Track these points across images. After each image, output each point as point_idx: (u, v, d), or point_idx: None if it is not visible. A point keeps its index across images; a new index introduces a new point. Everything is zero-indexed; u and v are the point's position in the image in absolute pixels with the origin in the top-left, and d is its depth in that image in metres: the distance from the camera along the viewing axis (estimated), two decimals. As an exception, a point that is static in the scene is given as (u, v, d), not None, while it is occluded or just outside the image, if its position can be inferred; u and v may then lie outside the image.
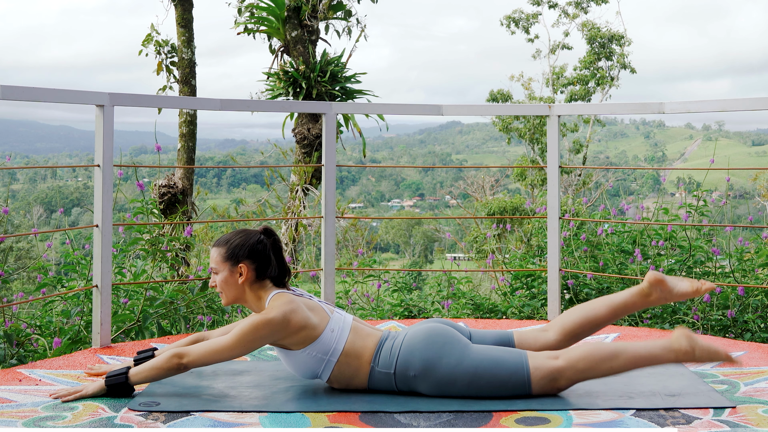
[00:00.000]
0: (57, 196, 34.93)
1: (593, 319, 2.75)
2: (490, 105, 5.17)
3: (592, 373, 2.54)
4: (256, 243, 2.69)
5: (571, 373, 2.53)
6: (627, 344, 2.59)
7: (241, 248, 2.68)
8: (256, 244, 2.69)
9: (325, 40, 10.99)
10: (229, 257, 2.68)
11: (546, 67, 23.33)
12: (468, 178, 22.90)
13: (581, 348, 2.57)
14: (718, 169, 4.43)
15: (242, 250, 2.68)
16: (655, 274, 2.70)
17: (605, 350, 2.54)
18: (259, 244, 2.69)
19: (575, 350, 2.57)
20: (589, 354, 2.54)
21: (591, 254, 4.98)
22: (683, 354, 2.52)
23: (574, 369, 2.52)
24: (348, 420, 2.36)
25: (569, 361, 2.53)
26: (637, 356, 2.53)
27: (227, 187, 51.97)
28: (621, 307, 2.75)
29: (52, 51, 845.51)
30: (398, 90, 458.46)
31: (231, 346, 2.55)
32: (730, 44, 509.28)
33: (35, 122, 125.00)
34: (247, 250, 2.68)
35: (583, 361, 2.53)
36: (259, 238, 2.70)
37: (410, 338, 2.61)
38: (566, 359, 2.54)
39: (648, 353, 2.53)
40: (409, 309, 4.98)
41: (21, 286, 9.09)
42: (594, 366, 2.53)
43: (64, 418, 2.36)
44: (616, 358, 2.52)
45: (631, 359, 2.53)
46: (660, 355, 2.53)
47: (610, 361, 2.52)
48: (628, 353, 2.53)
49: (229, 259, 2.68)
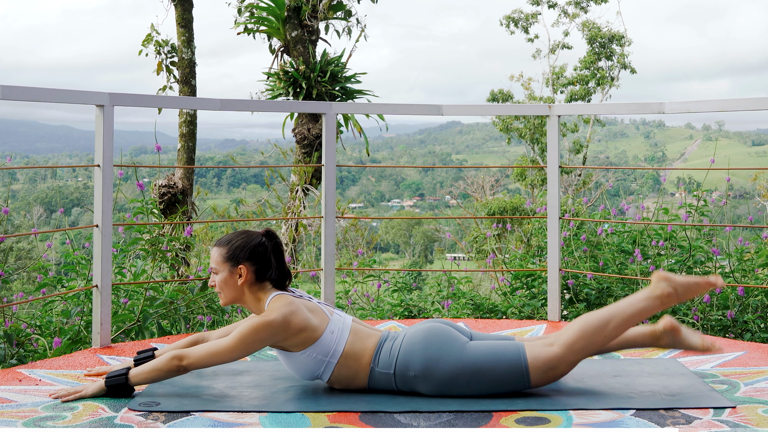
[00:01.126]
0: (57, 196, 34.92)
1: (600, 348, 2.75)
2: (490, 105, 5.18)
3: (590, 349, 2.58)
4: (257, 245, 2.68)
5: (569, 356, 2.55)
6: (613, 308, 2.62)
7: (242, 250, 2.67)
8: (257, 246, 2.68)
9: (325, 40, 11.00)
10: (230, 258, 2.68)
11: (546, 67, 23.34)
12: (468, 178, 22.90)
13: (573, 328, 2.59)
14: (718, 169, 4.43)
15: (243, 251, 2.67)
16: (671, 321, 2.73)
17: (596, 321, 2.58)
18: (260, 247, 2.69)
19: (568, 332, 2.59)
20: (582, 330, 2.57)
21: (591, 254, 4.98)
22: (667, 296, 2.61)
23: (572, 350, 2.55)
24: (348, 420, 2.36)
25: (565, 344, 2.56)
26: (626, 317, 2.59)
27: (227, 187, 51.97)
28: (630, 342, 2.77)
29: (52, 51, 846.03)
30: (398, 90, 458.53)
31: (231, 348, 2.55)
32: (729, 44, 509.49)
33: (35, 122, 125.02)
34: (248, 251, 2.67)
35: (578, 341, 2.56)
36: (261, 241, 2.70)
37: (409, 338, 2.62)
38: (562, 344, 2.56)
39: (635, 309, 2.60)
40: (409, 309, 4.98)
41: (21, 286, 9.09)
42: (590, 341, 2.56)
43: (64, 418, 2.36)
44: (608, 325, 2.58)
45: (622, 321, 2.59)
46: (646, 306, 2.61)
47: (602, 330, 2.57)
48: (618, 317, 2.59)
49: (230, 260, 2.67)
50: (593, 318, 2.60)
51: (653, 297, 2.61)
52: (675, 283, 2.62)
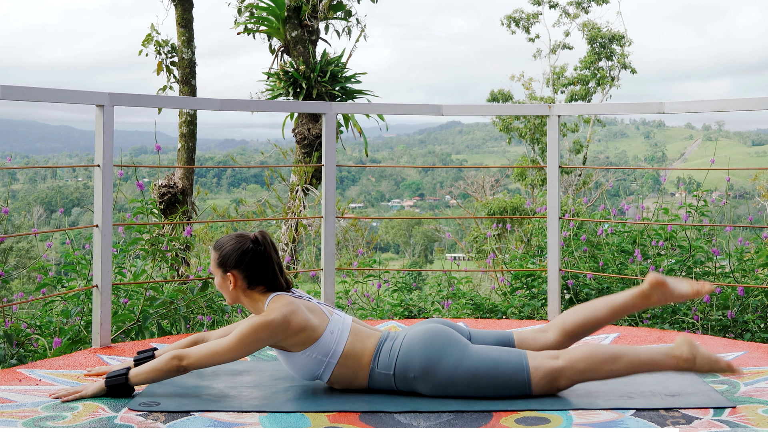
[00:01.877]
0: (57, 196, 34.92)
1: (593, 320, 2.75)
2: (490, 105, 5.19)
3: (592, 375, 2.53)
4: (244, 252, 2.65)
5: (571, 373, 2.52)
6: (628, 348, 2.58)
7: (229, 257, 2.66)
8: (244, 254, 2.65)
9: (325, 40, 10.99)
10: (220, 264, 2.68)
11: (546, 67, 23.34)
12: (468, 178, 22.90)
13: (582, 349, 2.57)
14: (718, 169, 4.43)
15: (230, 259, 2.66)
16: (655, 275, 2.70)
17: (606, 352, 2.54)
18: (247, 254, 2.65)
19: (576, 351, 2.57)
20: (590, 355, 2.53)
21: (591, 254, 4.98)
22: (684, 361, 2.52)
23: (574, 369, 2.52)
24: (348, 420, 2.36)
25: (569, 361, 2.53)
26: (637, 361, 2.53)
27: (227, 187, 51.95)
28: (621, 308, 2.75)
29: (53, 51, 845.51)
30: (399, 90, 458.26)
31: (231, 348, 2.55)
32: (729, 45, 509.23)
33: (35, 122, 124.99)
34: (234, 260, 2.65)
35: (583, 362, 2.52)
36: (248, 248, 2.66)
37: (409, 339, 2.61)
38: (566, 359, 2.54)
39: (649, 358, 2.53)
40: (409, 309, 4.98)
41: (21, 286, 9.10)
42: (594, 368, 2.52)
43: (64, 418, 2.36)
44: (617, 361, 2.52)
45: (631, 363, 2.53)
46: (661, 360, 2.53)
47: (610, 363, 2.52)
48: (629, 357, 2.53)
49: (220, 266, 2.68)
50: (605, 348, 2.56)
51: (672, 356, 2.53)
52: (697, 353, 2.53)
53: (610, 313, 2.74)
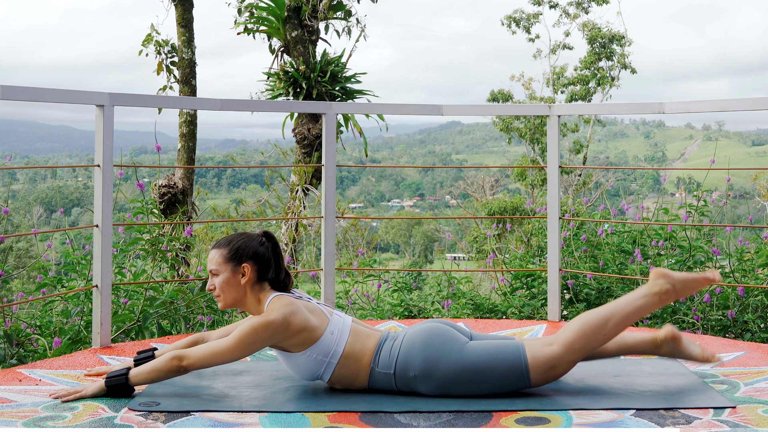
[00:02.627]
0: (57, 196, 34.91)
1: (599, 351, 2.77)
2: (490, 105, 5.19)
3: (590, 347, 2.58)
4: (258, 244, 2.70)
5: (569, 355, 2.55)
6: (613, 306, 2.63)
7: (245, 249, 2.68)
8: (259, 246, 2.70)
9: (325, 40, 10.99)
10: (232, 257, 2.68)
11: (546, 67, 23.35)
12: (468, 178, 22.90)
13: (573, 326, 2.59)
14: (718, 169, 4.43)
15: (246, 250, 2.68)
16: (672, 330, 2.77)
17: (594, 321, 2.58)
18: (262, 246, 2.71)
19: (568, 331, 2.59)
20: (582, 331, 2.57)
21: (591, 254, 4.98)
22: (665, 293, 2.62)
23: (571, 350, 2.55)
24: (348, 420, 2.36)
25: (565, 343, 2.56)
26: (625, 314, 2.60)
27: (227, 187, 51.95)
28: (629, 349, 2.80)
29: (54, 51, 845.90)
30: (399, 90, 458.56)
31: (231, 349, 2.55)
32: (728, 45, 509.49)
33: (35, 122, 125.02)
34: (251, 250, 2.69)
35: (578, 340, 2.56)
36: (261, 240, 2.72)
37: (409, 339, 2.62)
38: (561, 343, 2.56)
39: (634, 307, 2.61)
40: (409, 309, 4.98)
41: (21, 286, 9.10)
42: (589, 340, 2.57)
43: (64, 418, 2.36)
44: (607, 323, 2.58)
45: (621, 319, 2.59)
46: (645, 303, 2.61)
47: (602, 329, 2.57)
48: (617, 315, 2.59)
49: (232, 259, 2.68)
50: (592, 317, 2.60)
51: (651, 294, 2.62)
52: (673, 280, 2.63)
53: (617, 351, 2.79)
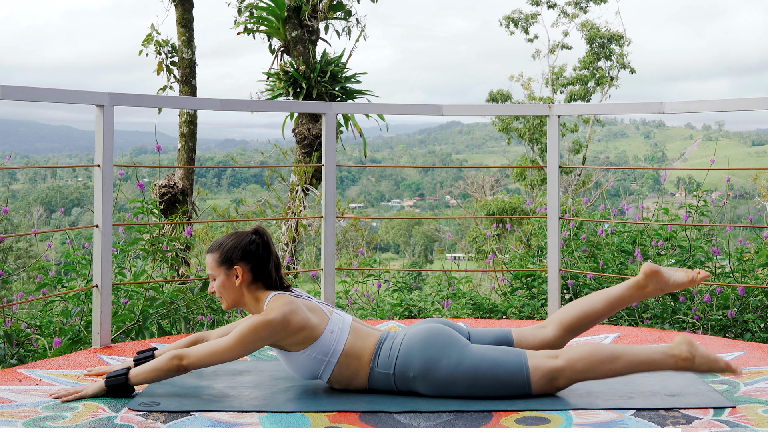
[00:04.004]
0: (57, 196, 34.89)
1: (590, 314, 2.75)
2: (490, 105, 5.19)
3: (591, 374, 2.53)
4: (248, 243, 2.69)
5: (570, 372, 2.52)
6: (627, 347, 2.58)
7: (234, 250, 2.68)
8: (249, 245, 2.69)
9: (325, 40, 10.99)
10: (224, 261, 2.68)
11: (545, 67, 23.33)
12: (468, 178, 22.89)
13: (581, 348, 2.57)
14: (718, 169, 4.43)
15: (236, 252, 2.67)
16: (650, 265, 2.71)
17: (605, 352, 2.54)
18: (252, 245, 2.69)
19: (575, 350, 2.57)
20: (589, 355, 2.54)
21: (591, 254, 4.98)
22: (683, 360, 2.52)
23: (573, 369, 2.52)
24: (348, 420, 2.36)
25: (568, 360, 2.53)
26: (636, 360, 2.53)
27: (227, 187, 51.93)
28: (618, 300, 2.75)
29: (55, 51, 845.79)
30: (399, 90, 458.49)
31: (231, 348, 2.55)
32: (728, 45, 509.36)
33: (35, 122, 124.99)
34: (240, 251, 2.68)
35: (582, 362, 2.53)
36: (251, 239, 2.70)
37: (409, 339, 2.61)
38: (565, 359, 2.54)
39: (647, 358, 2.54)
40: (409, 309, 4.98)
41: (21, 286, 9.09)
42: (593, 367, 2.52)
43: (64, 418, 2.36)
44: (616, 361, 2.52)
45: (630, 363, 2.53)
46: (659, 360, 2.53)
47: (609, 363, 2.52)
48: (628, 356, 2.53)
49: (224, 262, 2.68)
50: (604, 348, 2.56)
51: (670, 355, 2.53)
52: (696, 352, 2.53)
53: (607, 306, 2.75)
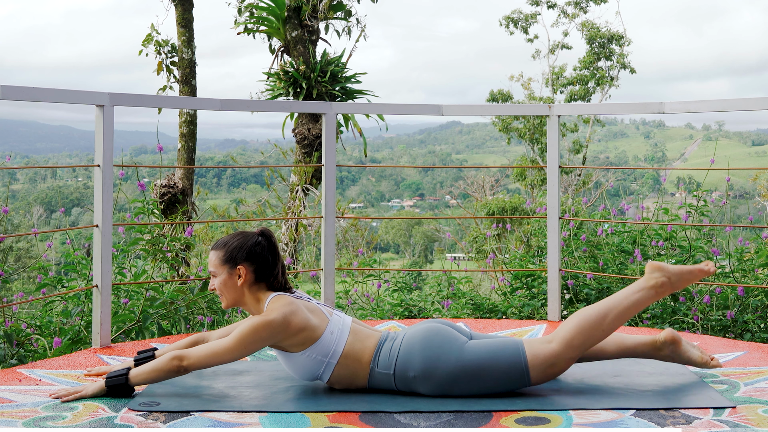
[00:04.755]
0: (57, 196, 34.90)
1: (599, 353, 2.78)
2: (490, 105, 5.18)
3: (588, 343, 2.59)
4: (254, 245, 2.69)
5: (568, 352, 2.56)
6: (610, 301, 2.64)
7: (239, 250, 2.68)
8: (254, 246, 2.69)
9: (325, 40, 11.00)
10: (228, 260, 2.68)
11: (546, 67, 23.34)
12: (468, 178, 22.89)
13: (571, 324, 2.60)
14: (718, 169, 4.43)
15: (240, 252, 2.68)
16: (671, 333, 2.77)
17: (593, 317, 2.59)
18: (257, 246, 2.69)
19: (566, 328, 2.59)
20: (580, 327, 2.58)
21: (591, 254, 4.98)
22: (661, 286, 2.63)
23: (570, 347, 2.56)
24: (348, 420, 2.37)
25: (563, 340, 2.57)
26: (623, 309, 2.61)
27: (227, 187, 51.95)
28: (630, 351, 2.80)
29: (56, 51, 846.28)
30: (399, 91, 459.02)
31: (231, 349, 2.55)
32: (727, 45, 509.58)
33: (35, 122, 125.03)
34: (246, 252, 2.68)
35: (576, 337, 2.57)
36: (257, 240, 2.71)
37: (409, 339, 2.62)
38: (560, 340, 2.57)
39: (631, 301, 2.62)
40: (409, 309, 4.98)
41: (21, 286, 9.09)
42: (588, 336, 2.57)
43: (64, 418, 2.36)
44: (605, 319, 2.59)
45: (618, 314, 2.60)
46: (641, 297, 2.63)
47: (600, 325, 2.58)
48: (615, 309, 2.60)
49: (228, 261, 2.68)
50: (590, 313, 2.61)
51: (647, 287, 2.63)
52: (668, 272, 2.64)
53: (617, 352, 2.79)
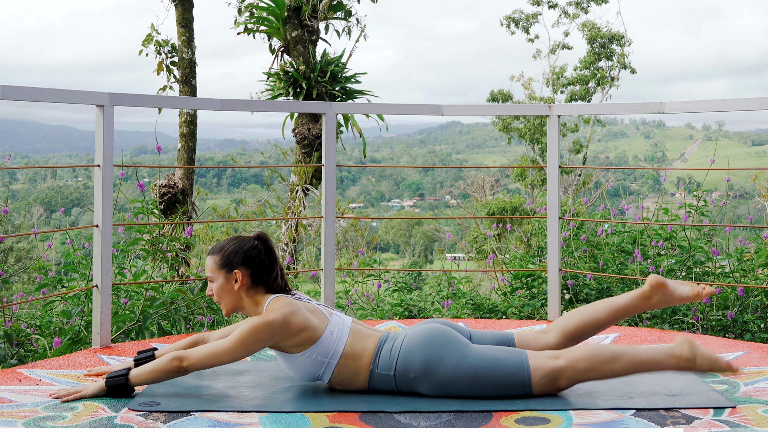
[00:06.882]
0: (57, 196, 34.91)
1: (593, 322, 2.76)
2: (490, 105, 5.18)
3: (593, 375, 2.54)
4: (250, 249, 2.68)
5: (571, 372, 2.52)
6: (628, 347, 2.58)
7: (236, 254, 2.67)
8: (250, 250, 2.68)
9: (325, 40, 11.00)
10: (224, 264, 2.68)
11: (546, 67, 23.34)
12: (468, 178, 22.89)
13: (582, 348, 2.57)
14: (718, 169, 4.43)
15: (236, 256, 2.67)
16: (656, 277, 2.72)
17: (606, 352, 2.54)
18: (253, 250, 2.69)
19: (576, 350, 2.57)
20: (590, 355, 2.54)
21: (591, 254, 4.98)
22: (684, 360, 2.53)
23: (575, 369, 2.52)
24: (348, 420, 2.37)
25: (570, 360, 2.53)
26: (638, 360, 2.53)
27: (227, 187, 51.94)
28: (621, 309, 2.76)
29: (57, 52, 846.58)
30: (400, 91, 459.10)
31: (231, 349, 2.55)
32: (727, 45, 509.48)
33: (35, 122, 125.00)
34: (242, 256, 2.67)
35: (583, 362, 2.53)
36: (253, 244, 2.70)
37: (409, 339, 2.61)
38: (567, 359, 2.54)
39: (649, 358, 2.54)
40: (409, 309, 4.98)
41: (21, 286, 9.09)
42: (594, 367, 2.53)
43: (64, 418, 2.36)
44: (617, 361, 2.52)
45: (631, 363, 2.53)
46: (661, 360, 2.54)
47: (610, 363, 2.52)
48: (629, 357, 2.53)
49: (224, 266, 2.68)
50: (605, 347, 2.57)
51: (672, 355, 2.54)
52: (697, 352, 2.53)
53: (610, 315, 2.76)
